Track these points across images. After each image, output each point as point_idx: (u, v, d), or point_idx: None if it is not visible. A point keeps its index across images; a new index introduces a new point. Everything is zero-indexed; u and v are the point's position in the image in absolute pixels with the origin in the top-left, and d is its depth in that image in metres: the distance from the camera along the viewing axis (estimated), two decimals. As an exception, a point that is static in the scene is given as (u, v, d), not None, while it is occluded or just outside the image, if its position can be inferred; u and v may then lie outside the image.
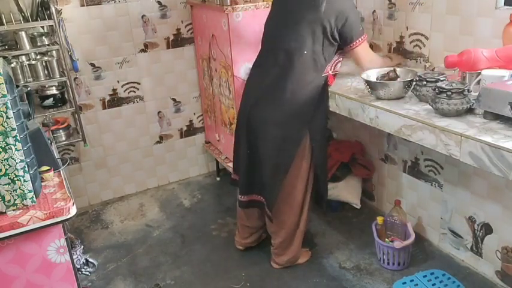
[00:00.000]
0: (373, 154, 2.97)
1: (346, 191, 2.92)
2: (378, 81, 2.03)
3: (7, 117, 1.34)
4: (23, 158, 1.40)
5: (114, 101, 3.26)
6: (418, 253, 2.58)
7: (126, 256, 2.77)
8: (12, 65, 2.62)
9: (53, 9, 2.60)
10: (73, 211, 1.46)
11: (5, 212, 1.42)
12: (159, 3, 3.20)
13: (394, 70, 2.05)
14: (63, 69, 2.79)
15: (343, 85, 2.27)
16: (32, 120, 1.73)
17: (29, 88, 1.73)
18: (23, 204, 1.43)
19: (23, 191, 1.42)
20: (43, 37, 2.72)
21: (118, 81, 3.23)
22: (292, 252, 2.47)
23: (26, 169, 1.41)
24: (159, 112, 3.44)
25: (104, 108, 3.24)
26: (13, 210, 1.42)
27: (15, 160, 1.38)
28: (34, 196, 1.45)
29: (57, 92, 2.87)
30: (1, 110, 1.32)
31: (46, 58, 2.77)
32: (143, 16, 3.18)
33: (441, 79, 1.84)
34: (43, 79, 2.75)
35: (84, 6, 2.98)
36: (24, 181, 1.41)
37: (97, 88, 3.18)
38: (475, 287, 2.31)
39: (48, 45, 2.73)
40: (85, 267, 2.63)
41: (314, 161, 2.30)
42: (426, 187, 2.60)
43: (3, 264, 1.42)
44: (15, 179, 1.39)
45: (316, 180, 2.37)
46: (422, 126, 1.73)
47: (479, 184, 2.27)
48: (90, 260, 2.67)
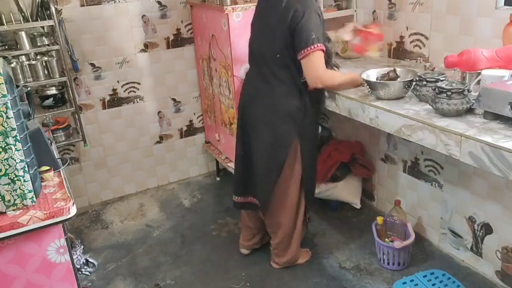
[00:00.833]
0: (373, 154, 2.97)
1: (346, 191, 2.92)
2: (378, 81, 2.03)
3: (7, 117, 1.34)
4: (23, 158, 1.40)
5: (114, 101, 3.26)
6: (418, 253, 2.58)
7: (126, 256, 2.77)
8: (12, 65, 2.62)
9: (53, 9, 2.60)
10: (73, 211, 1.47)
11: (5, 212, 1.42)
12: (159, 3, 3.20)
13: (394, 70, 2.05)
14: (63, 69, 2.79)
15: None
16: (32, 120, 1.73)
17: (29, 88, 1.73)
18: (23, 204, 1.43)
19: (23, 191, 1.42)
20: (43, 37, 2.72)
21: (118, 81, 3.23)
22: (291, 253, 2.47)
23: (26, 169, 1.41)
24: (159, 112, 3.44)
25: (104, 108, 3.24)
26: (13, 210, 1.42)
27: (15, 160, 1.38)
28: (34, 196, 1.45)
29: (57, 92, 2.87)
30: (1, 110, 1.32)
31: (46, 58, 2.77)
32: (143, 16, 3.18)
33: (441, 79, 1.84)
34: (43, 79, 2.75)
35: (84, 6, 2.98)
36: (24, 181, 1.41)
37: (97, 88, 3.18)
38: (475, 287, 2.31)
39: (48, 45, 2.73)
40: (85, 267, 2.63)
41: (304, 166, 2.30)
42: (426, 187, 2.60)
43: (3, 264, 1.42)
44: (15, 179, 1.39)
45: (303, 178, 2.35)
46: (422, 126, 1.73)
47: (479, 184, 2.27)
48: (90, 260, 2.67)
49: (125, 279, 2.58)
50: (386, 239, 2.48)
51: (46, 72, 2.78)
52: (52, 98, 2.85)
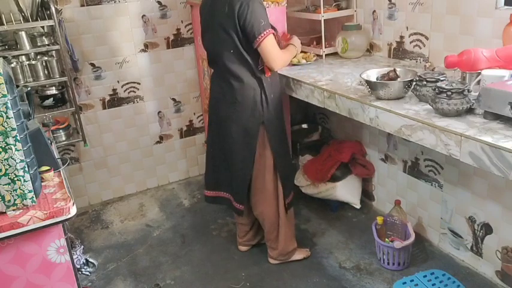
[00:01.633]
0: (373, 154, 2.97)
1: (346, 191, 2.92)
2: (378, 81, 2.03)
3: (7, 117, 1.34)
4: (23, 158, 1.40)
5: (114, 101, 3.26)
6: (418, 253, 2.58)
7: (126, 256, 2.77)
8: (12, 65, 2.62)
9: (53, 9, 2.60)
10: (73, 211, 1.46)
11: (5, 212, 1.41)
12: (159, 3, 3.20)
13: (394, 70, 2.05)
14: (63, 69, 2.79)
15: (343, 85, 2.27)
16: (32, 120, 1.73)
17: (29, 88, 1.73)
18: (23, 204, 1.43)
19: (23, 191, 1.41)
20: (43, 37, 2.72)
21: (118, 81, 3.23)
22: (281, 244, 2.50)
23: (26, 169, 1.41)
24: (159, 112, 3.44)
25: (104, 108, 3.24)
26: (13, 210, 1.42)
27: (15, 160, 1.38)
28: (34, 196, 1.44)
29: (57, 92, 2.87)
30: (1, 110, 1.32)
31: (46, 58, 2.77)
32: (143, 16, 3.18)
33: (441, 79, 1.84)
34: (43, 79, 2.75)
35: (84, 6, 2.98)
36: (24, 181, 1.41)
37: (97, 88, 3.18)
38: (475, 287, 2.31)
39: (48, 45, 2.73)
40: (85, 267, 2.63)
41: (273, 150, 2.36)
42: (426, 187, 2.60)
43: (3, 264, 1.42)
44: (15, 179, 1.39)
45: (276, 166, 2.40)
46: (422, 126, 1.73)
47: (479, 184, 2.27)
48: (90, 260, 2.67)
49: (125, 279, 2.58)
50: (386, 239, 2.48)
51: (46, 72, 2.78)
52: (52, 98, 2.85)
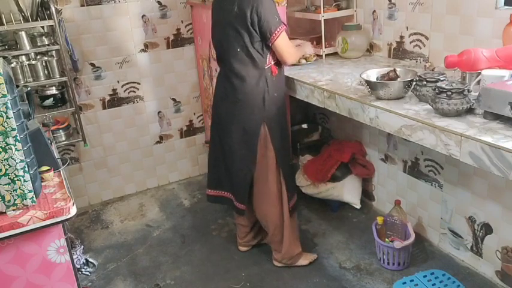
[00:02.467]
0: (373, 154, 2.97)
1: (346, 191, 2.92)
2: (378, 81, 2.03)
3: (7, 117, 1.34)
4: (23, 158, 1.40)
5: (114, 101, 3.26)
6: (418, 253, 2.58)
7: (126, 256, 2.77)
8: (12, 65, 2.62)
9: (53, 9, 2.60)
10: (73, 211, 1.46)
11: (5, 212, 1.41)
12: (159, 3, 3.20)
13: (394, 70, 2.05)
14: (63, 69, 2.79)
15: (343, 85, 2.27)
16: (32, 120, 1.73)
17: (29, 88, 1.73)
18: (23, 204, 1.43)
19: (23, 191, 1.41)
20: (43, 37, 2.72)
21: (118, 81, 3.23)
22: (285, 246, 2.48)
23: (26, 169, 1.41)
24: (159, 112, 3.44)
25: (104, 108, 3.24)
26: (13, 210, 1.42)
27: (15, 160, 1.38)
28: (34, 196, 1.44)
29: (57, 92, 2.87)
30: (1, 110, 1.32)
31: (46, 58, 2.77)
32: (143, 16, 3.18)
33: (441, 79, 1.84)
34: (43, 79, 2.75)
35: (84, 6, 2.98)
36: (24, 181, 1.41)
37: (97, 88, 3.18)
38: (475, 287, 2.31)
39: (48, 45, 2.73)
40: (85, 267, 2.63)
41: (275, 150, 2.34)
42: (426, 187, 2.60)
43: (3, 264, 1.42)
44: (15, 179, 1.39)
45: (279, 165, 2.39)
46: (422, 126, 1.73)
47: (479, 184, 2.27)
48: (90, 260, 2.67)
49: (125, 279, 2.58)
50: (386, 239, 2.48)
51: (46, 72, 2.78)
52: (52, 98, 2.85)
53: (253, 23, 2.12)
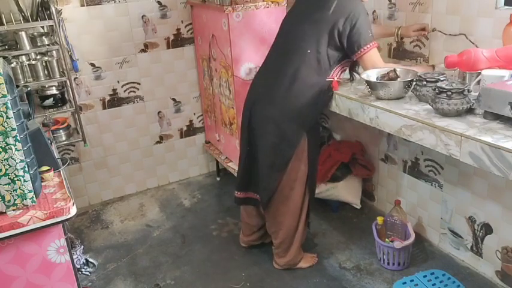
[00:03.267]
0: (373, 154, 2.97)
1: (346, 191, 2.92)
2: (378, 81, 2.03)
3: (7, 117, 1.34)
4: (23, 158, 1.40)
5: (114, 101, 3.26)
6: (418, 253, 2.58)
7: (126, 256, 2.77)
8: (12, 65, 2.62)
9: (53, 9, 2.60)
10: (73, 211, 1.46)
11: (5, 212, 1.42)
12: (159, 3, 3.20)
13: (394, 70, 2.05)
14: (63, 69, 2.79)
15: (343, 85, 2.26)
16: (32, 120, 1.73)
17: (29, 88, 1.73)
18: (23, 204, 1.43)
19: (23, 191, 1.42)
20: (43, 37, 2.72)
21: (118, 81, 3.23)
22: (290, 255, 2.46)
23: (26, 169, 1.41)
24: (159, 112, 3.44)
25: (104, 108, 3.24)
26: (13, 210, 1.42)
27: (15, 160, 1.38)
28: (34, 196, 1.44)
29: (57, 92, 2.87)
30: (1, 110, 1.32)
31: (46, 58, 2.77)
32: (143, 16, 3.18)
33: (441, 79, 1.84)
34: (43, 79, 2.75)
35: (84, 6, 2.98)
36: (24, 181, 1.41)
37: (97, 88, 3.18)
38: (475, 287, 2.31)
39: (48, 45, 2.73)
40: (85, 267, 2.63)
41: (310, 164, 2.29)
42: (426, 187, 2.60)
43: (3, 264, 1.42)
44: (15, 179, 1.39)
45: (308, 180, 2.36)
46: (422, 126, 1.73)
47: (479, 184, 2.27)
48: (90, 260, 2.67)
49: (125, 279, 2.58)
50: (386, 239, 2.48)
51: (46, 72, 2.78)
52: (52, 98, 2.85)
53: (342, 31, 2.07)
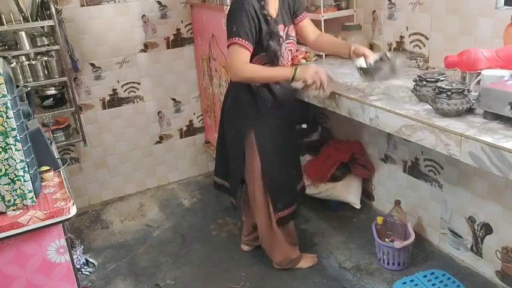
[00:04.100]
0: (373, 154, 2.97)
1: (346, 191, 2.92)
2: (369, 66, 2.03)
3: (7, 117, 1.34)
4: (23, 158, 1.40)
5: (114, 101, 3.26)
6: (418, 253, 2.58)
7: (126, 256, 2.77)
8: (12, 65, 2.62)
9: (53, 9, 2.60)
10: (73, 211, 1.46)
11: (5, 212, 1.42)
12: (159, 3, 3.20)
13: (385, 54, 2.05)
14: (63, 69, 2.79)
15: (343, 85, 2.26)
16: (32, 120, 1.73)
17: (29, 88, 1.73)
18: (23, 204, 1.43)
19: (23, 191, 1.42)
20: (43, 37, 2.72)
21: (118, 81, 3.23)
22: (281, 253, 2.45)
23: (26, 169, 1.41)
24: (159, 112, 3.44)
25: (104, 108, 3.24)
26: (13, 210, 1.42)
27: (15, 160, 1.38)
28: (34, 196, 1.44)
29: (57, 92, 2.87)
30: (1, 110, 1.32)
31: (46, 58, 2.77)
32: (143, 16, 3.18)
33: (441, 79, 1.84)
34: (43, 79, 2.75)
35: (84, 6, 2.98)
36: (24, 181, 1.41)
37: (97, 88, 3.18)
38: (475, 287, 2.31)
39: (48, 45, 2.73)
40: (85, 267, 2.63)
41: (261, 159, 2.24)
42: (426, 187, 2.60)
43: (3, 264, 1.42)
44: (15, 179, 1.39)
45: (263, 175, 2.29)
46: (422, 126, 1.73)
47: (479, 184, 2.27)
48: (90, 260, 2.67)
49: (125, 279, 2.58)
50: (386, 239, 2.48)
51: (46, 72, 2.78)
52: (52, 98, 2.85)
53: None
